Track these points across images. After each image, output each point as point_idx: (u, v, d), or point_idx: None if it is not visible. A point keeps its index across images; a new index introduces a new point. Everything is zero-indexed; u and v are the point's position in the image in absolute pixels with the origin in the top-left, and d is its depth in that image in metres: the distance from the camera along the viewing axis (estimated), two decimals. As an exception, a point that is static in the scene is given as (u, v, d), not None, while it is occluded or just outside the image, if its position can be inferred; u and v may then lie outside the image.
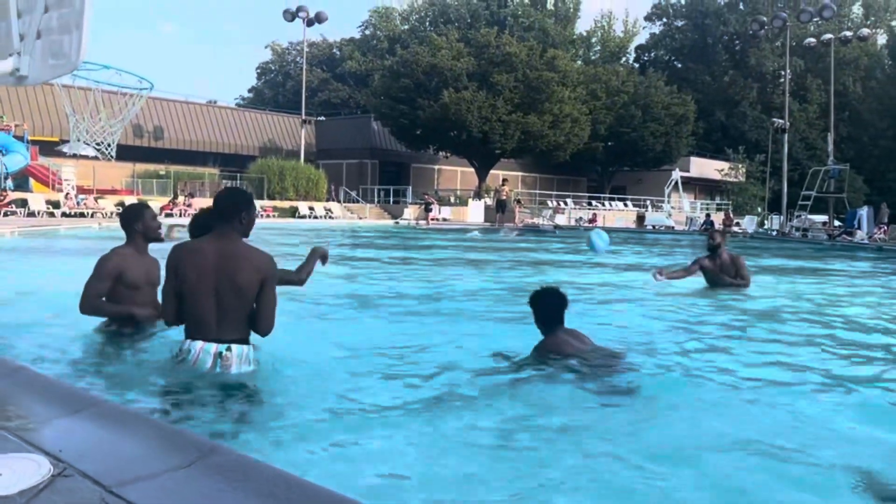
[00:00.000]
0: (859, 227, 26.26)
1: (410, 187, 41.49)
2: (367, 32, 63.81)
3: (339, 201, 37.89)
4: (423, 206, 32.74)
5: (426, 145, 41.74)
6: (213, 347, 3.56)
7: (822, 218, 32.21)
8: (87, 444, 2.26)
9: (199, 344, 3.56)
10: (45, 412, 2.50)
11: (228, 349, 3.57)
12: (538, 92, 38.34)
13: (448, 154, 42.92)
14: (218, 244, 3.60)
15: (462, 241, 20.42)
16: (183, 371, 3.56)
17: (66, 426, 2.39)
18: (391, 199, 39.74)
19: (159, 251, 4.44)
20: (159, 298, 4.11)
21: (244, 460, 2.13)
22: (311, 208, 34.12)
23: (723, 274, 8.27)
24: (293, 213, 33.15)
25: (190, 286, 3.56)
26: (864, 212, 27.13)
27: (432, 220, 32.57)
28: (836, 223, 30.60)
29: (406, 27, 60.89)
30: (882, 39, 59.93)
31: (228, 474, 2.03)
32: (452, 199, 40.70)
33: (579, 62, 52.69)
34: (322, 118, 46.10)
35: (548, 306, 4.37)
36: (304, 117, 40.34)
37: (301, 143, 39.97)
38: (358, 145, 44.79)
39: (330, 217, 33.79)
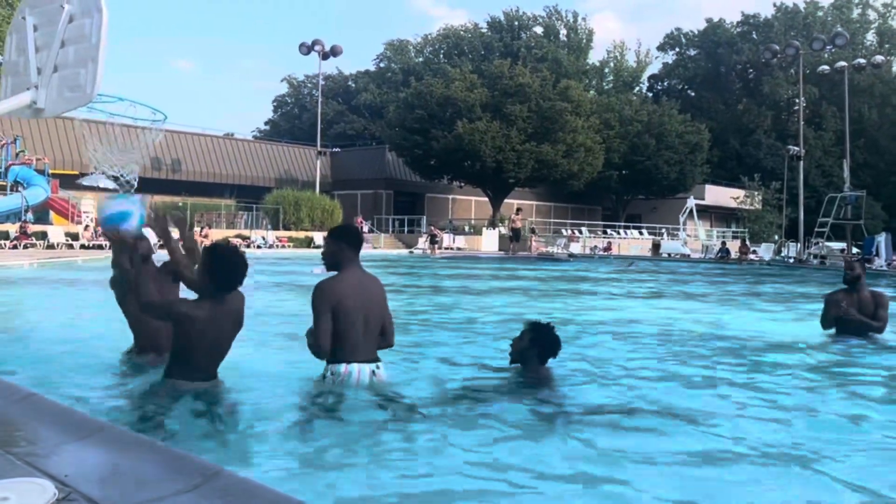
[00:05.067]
0: (877, 254, 25.97)
1: (425, 217, 41.66)
2: (382, 65, 64.67)
3: (354, 231, 37.99)
4: (428, 238, 33.12)
5: (440, 175, 41.98)
6: (368, 368, 4.07)
7: (840, 245, 31.91)
8: (93, 468, 2.27)
9: (356, 366, 4.03)
10: (54, 437, 2.52)
11: (378, 367, 4.12)
12: (551, 122, 38.55)
13: (462, 184, 43.13)
14: (357, 275, 4.11)
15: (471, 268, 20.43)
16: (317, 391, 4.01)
17: (73, 451, 2.40)
18: (405, 229, 39.89)
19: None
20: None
21: (248, 484, 2.13)
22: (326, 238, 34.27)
23: (858, 312, 6.80)
24: (308, 243, 33.33)
25: (347, 316, 3.98)
26: (882, 238, 26.85)
27: (446, 248, 32.96)
28: (854, 250, 30.28)
29: (420, 60, 61.69)
30: (897, 66, 59.92)
31: (232, 498, 2.03)
32: (466, 229, 40.76)
33: (592, 92, 53.03)
34: (337, 149, 46.56)
35: (546, 344, 4.40)
36: (319, 149, 40.78)
37: (317, 174, 40.35)
38: (373, 176, 45.16)
39: (345, 247, 33.88)
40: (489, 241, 37.16)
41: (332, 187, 44.46)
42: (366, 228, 37.48)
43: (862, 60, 39.03)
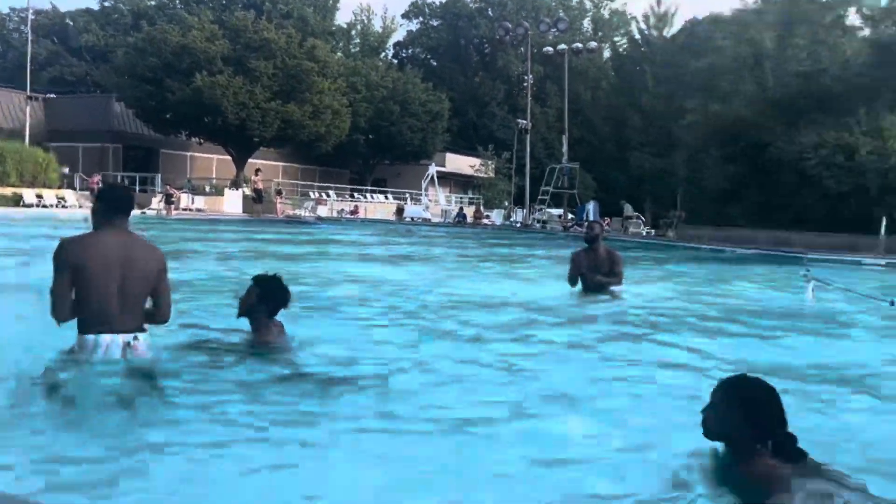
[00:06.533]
0: (587, 219, 29.44)
1: (160, 175, 38.63)
2: (108, 4, 58.22)
3: (74, 189, 34.11)
4: (163, 198, 30.99)
5: (177, 130, 39.17)
6: (121, 338, 3.67)
7: (559, 211, 35.64)
8: None
9: (106, 337, 3.64)
10: None
11: (136, 338, 3.74)
12: (298, 81, 37.75)
13: (202, 140, 40.65)
14: (119, 237, 3.72)
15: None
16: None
17: None
18: (137, 188, 36.66)
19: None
20: None
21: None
22: (39, 196, 30.34)
23: (596, 270, 7.60)
24: (17, 201, 29.25)
25: (93, 280, 3.59)
26: (591, 206, 30.47)
27: (184, 209, 31.16)
28: (570, 216, 34.02)
29: (153, 2, 56.50)
30: (608, 53, 67.65)
31: None
32: (207, 189, 38.57)
33: (339, 54, 52.74)
34: (53, 95, 41.21)
35: (275, 298, 4.29)
36: (30, 94, 35.82)
37: (27, 121, 35.41)
38: (97, 127, 40.67)
39: (63, 206, 30.32)
40: (232, 203, 35.59)
41: (47, 138, 39.20)
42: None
43: (579, 45, 43.42)
